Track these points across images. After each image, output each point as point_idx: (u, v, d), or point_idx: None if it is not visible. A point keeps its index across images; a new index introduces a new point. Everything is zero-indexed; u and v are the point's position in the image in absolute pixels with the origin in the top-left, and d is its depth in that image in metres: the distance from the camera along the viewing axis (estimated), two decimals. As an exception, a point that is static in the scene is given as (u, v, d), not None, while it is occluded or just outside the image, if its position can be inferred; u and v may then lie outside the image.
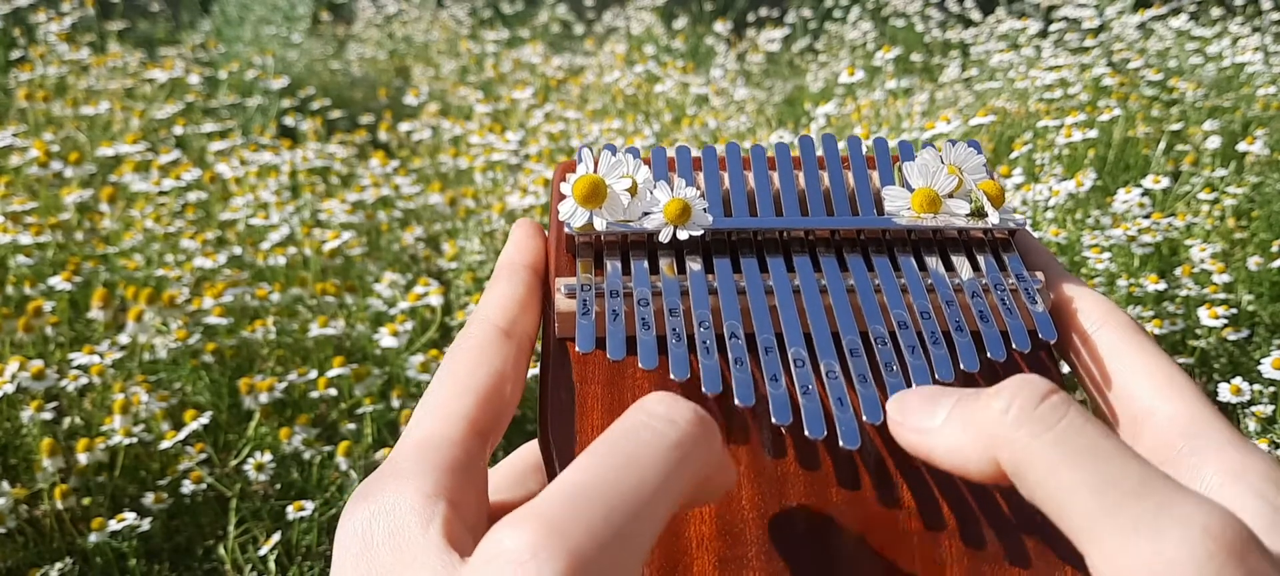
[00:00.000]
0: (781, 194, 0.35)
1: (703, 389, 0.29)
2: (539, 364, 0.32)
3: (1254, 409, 0.99)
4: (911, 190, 0.34)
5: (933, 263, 0.33)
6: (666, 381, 0.30)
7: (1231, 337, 1.18)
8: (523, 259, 0.33)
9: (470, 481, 0.26)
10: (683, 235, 0.33)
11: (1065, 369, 0.32)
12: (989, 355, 0.30)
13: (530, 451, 0.34)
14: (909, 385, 0.29)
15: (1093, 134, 1.41)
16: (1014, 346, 0.31)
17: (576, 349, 0.30)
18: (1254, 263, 1.30)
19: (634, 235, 0.33)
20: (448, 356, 0.30)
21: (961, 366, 0.30)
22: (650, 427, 0.23)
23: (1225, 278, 1.21)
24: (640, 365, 0.30)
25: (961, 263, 0.33)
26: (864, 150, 0.37)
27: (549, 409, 0.30)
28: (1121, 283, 1.23)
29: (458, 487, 0.25)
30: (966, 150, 0.35)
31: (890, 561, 0.27)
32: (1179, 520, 0.20)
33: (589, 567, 0.20)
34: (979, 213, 0.34)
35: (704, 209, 0.33)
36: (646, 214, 0.33)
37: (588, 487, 0.21)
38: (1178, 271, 1.22)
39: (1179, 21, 2.18)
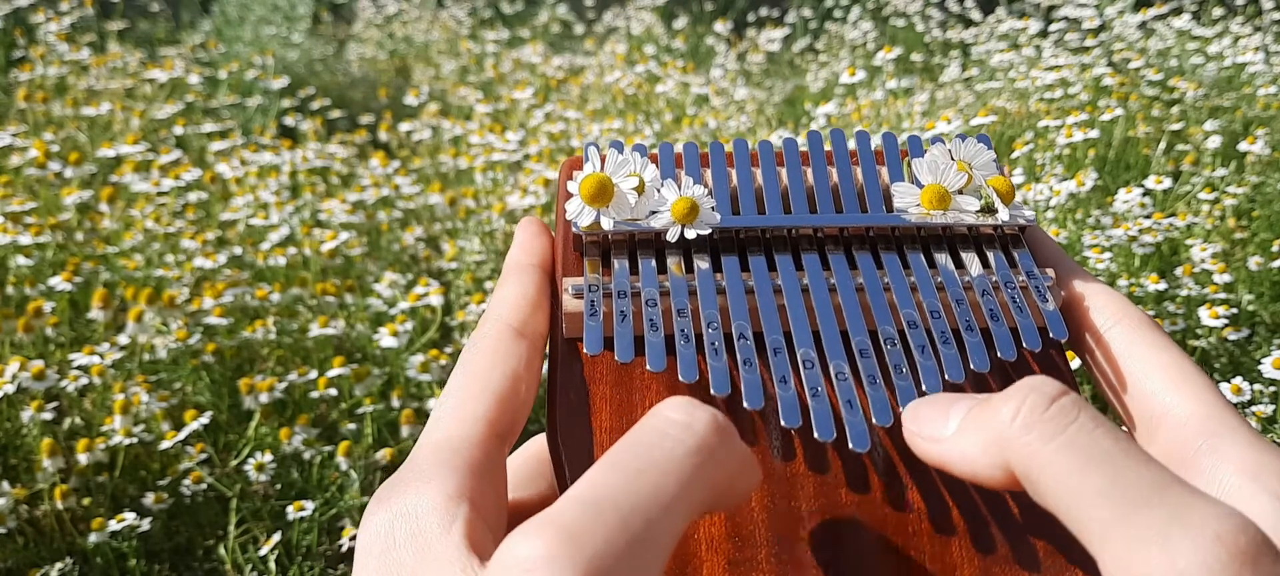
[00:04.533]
0: (789, 191, 0.35)
1: (711, 391, 0.29)
2: (547, 364, 0.32)
3: (1254, 409, 0.98)
4: (920, 187, 0.34)
5: (942, 260, 0.33)
6: (675, 382, 0.30)
7: (1232, 337, 1.18)
8: (530, 258, 0.33)
9: (491, 482, 0.26)
10: (690, 234, 0.32)
11: (1076, 364, 0.32)
12: (999, 354, 0.30)
13: (536, 446, 0.34)
14: (919, 387, 0.29)
15: (1093, 134, 1.41)
16: (1024, 345, 0.30)
17: (584, 350, 0.30)
18: (1254, 262, 1.30)
19: (641, 234, 0.33)
20: (463, 358, 0.30)
21: (972, 366, 0.30)
22: (667, 435, 0.23)
23: (1226, 277, 1.21)
24: (648, 366, 0.29)
25: (971, 260, 0.33)
26: (872, 146, 0.36)
27: (557, 410, 0.30)
28: (1122, 282, 1.23)
29: (479, 489, 0.25)
30: (976, 146, 0.34)
31: (900, 564, 0.27)
32: (1191, 527, 0.20)
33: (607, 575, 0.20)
34: (989, 209, 0.34)
35: (712, 207, 0.33)
36: (654, 213, 0.33)
37: (603, 496, 0.21)
38: (1178, 271, 1.22)
39: (1180, 21, 2.18)
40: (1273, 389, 1.00)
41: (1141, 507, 0.20)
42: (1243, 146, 1.43)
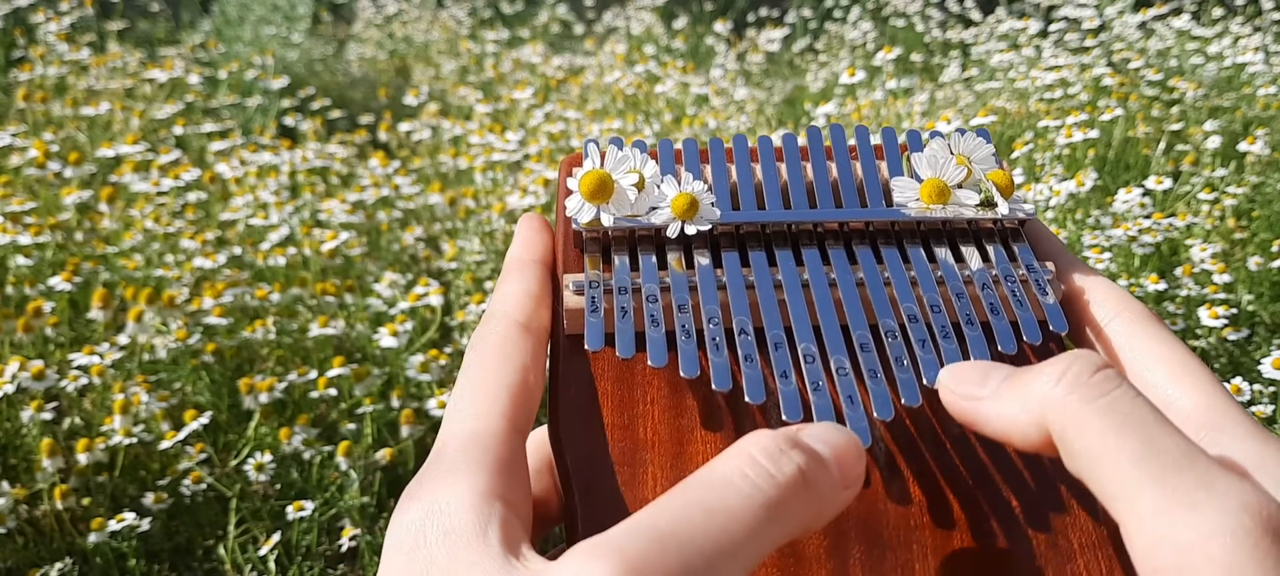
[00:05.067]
0: (789, 186, 0.35)
1: (712, 386, 0.29)
2: (548, 360, 0.32)
3: (1254, 409, 0.98)
4: (920, 181, 0.34)
5: (942, 254, 0.33)
6: (676, 378, 0.30)
7: (1231, 338, 1.18)
8: (531, 254, 0.33)
9: (517, 478, 0.26)
10: (691, 230, 0.32)
11: None
12: (1000, 348, 0.30)
13: (536, 439, 0.34)
14: (920, 381, 0.29)
15: (1093, 134, 1.41)
16: (1025, 338, 0.30)
17: (586, 346, 0.30)
18: (1254, 263, 1.30)
19: (642, 230, 0.33)
20: (471, 354, 0.29)
21: (972, 360, 0.30)
22: (748, 477, 0.22)
23: (1225, 278, 1.21)
24: (649, 362, 0.29)
25: (971, 253, 0.33)
26: (872, 141, 0.36)
27: (560, 406, 0.30)
28: (1122, 282, 1.23)
29: (508, 486, 0.25)
30: (975, 140, 0.35)
31: (901, 557, 0.27)
32: (1219, 495, 0.21)
33: None
34: (988, 203, 0.34)
35: (711, 203, 0.33)
36: (654, 209, 0.33)
37: (670, 530, 0.21)
38: (1178, 271, 1.22)
39: (1180, 21, 2.18)
40: (1272, 389, 1.00)
41: (1173, 472, 0.21)
42: (1242, 146, 1.43)
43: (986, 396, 0.25)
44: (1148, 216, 1.28)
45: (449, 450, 0.26)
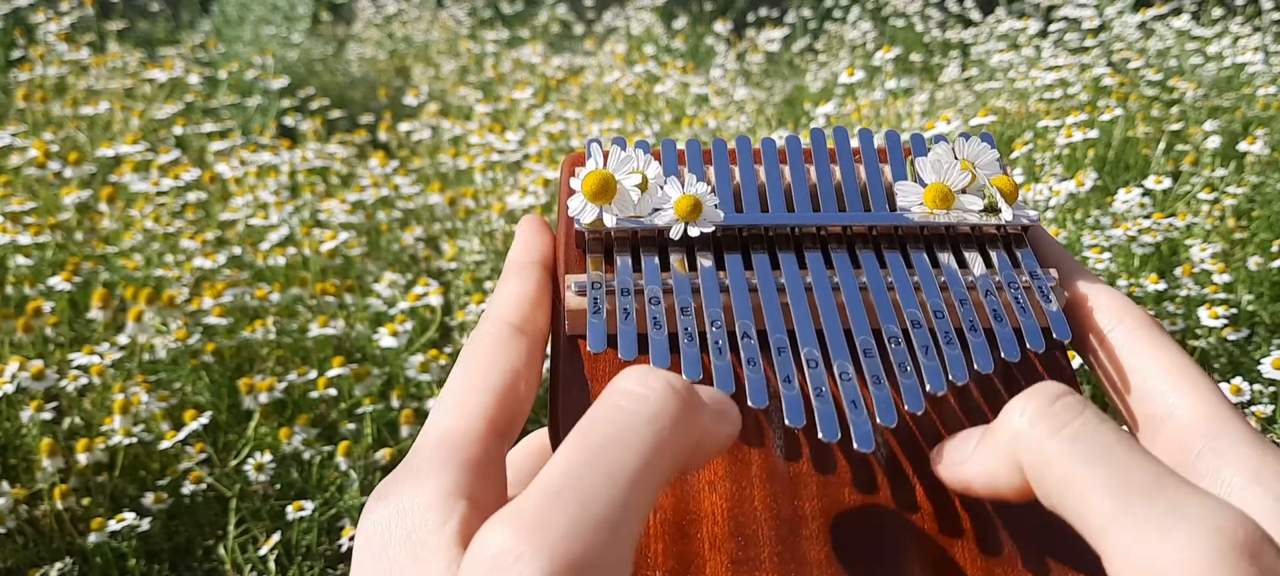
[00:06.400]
0: (793, 189, 0.35)
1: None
2: (549, 361, 0.32)
3: (1254, 409, 0.98)
4: (924, 186, 0.34)
5: (945, 259, 0.33)
6: None
7: (1231, 338, 1.18)
8: (531, 256, 0.33)
9: (490, 479, 0.26)
10: (694, 232, 0.32)
11: (1078, 364, 0.32)
12: (1003, 354, 0.30)
13: (538, 441, 0.34)
14: (923, 386, 0.29)
15: (1093, 134, 1.41)
16: (1028, 345, 0.30)
17: (587, 348, 0.30)
18: (1254, 263, 1.30)
19: (644, 231, 0.33)
20: (462, 355, 0.29)
21: (975, 366, 0.30)
22: (621, 407, 0.22)
23: (1225, 277, 1.21)
24: (651, 364, 0.29)
25: (975, 259, 0.33)
26: (876, 144, 0.36)
27: (561, 408, 0.30)
28: (1122, 282, 1.23)
29: (478, 485, 0.25)
30: (980, 145, 0.34)
31: (904, 564, 0.27)
32: (1191, 519, 0.20)
33: (576, 559, 0.19)
34: (992, 208, 0.34)
35: (715, 205, 0.33)
36: (657, 210, 0.33)
37: (565, 480, 0.21)
38: (1178, 271, 1.22)
39: (1180, 21, 2.18)
40: (1272, 389, 1.00)
41: (1143, 500, 0.21)
42: (1242, 146, 1.43)
43: (968, 457, 0.25)
44: (1147, 216, 1.28)
45: (421, 451, 0.26)
